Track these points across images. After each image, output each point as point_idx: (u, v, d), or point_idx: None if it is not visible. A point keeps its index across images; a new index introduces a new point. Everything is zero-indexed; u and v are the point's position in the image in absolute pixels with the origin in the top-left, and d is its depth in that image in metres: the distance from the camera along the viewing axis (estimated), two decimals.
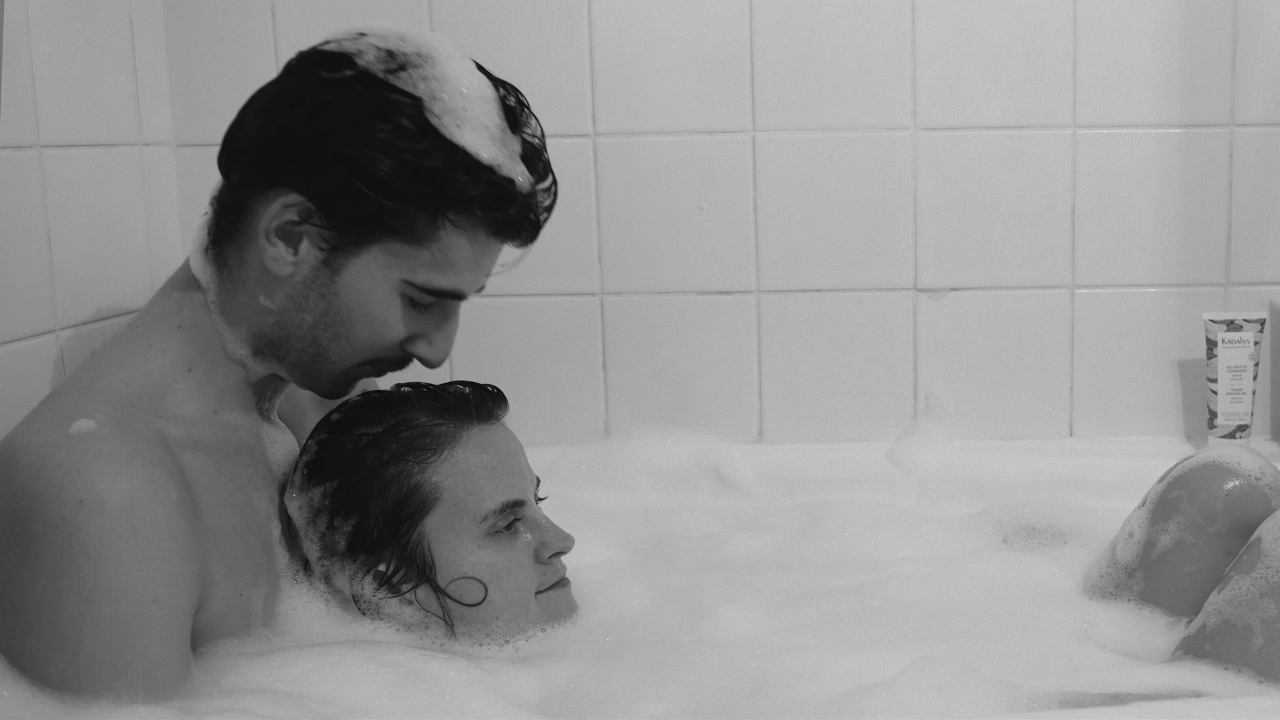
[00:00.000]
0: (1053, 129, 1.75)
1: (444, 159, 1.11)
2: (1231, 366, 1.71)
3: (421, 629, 1.22)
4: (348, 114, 1.11)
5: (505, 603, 1.22)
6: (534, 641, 1.28)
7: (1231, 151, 1.74)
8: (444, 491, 1.20)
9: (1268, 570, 1.16)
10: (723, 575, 1.43)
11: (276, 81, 1.17)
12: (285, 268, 1.14)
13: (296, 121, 1.12)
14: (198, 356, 1.17)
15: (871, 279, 1.79)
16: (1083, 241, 1.77)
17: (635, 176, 1.76)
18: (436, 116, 1.12)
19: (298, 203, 1.12)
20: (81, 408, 1.06)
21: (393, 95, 1.11)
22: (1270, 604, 1.14)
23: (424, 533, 1.19)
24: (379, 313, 1.17)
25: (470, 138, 1.13)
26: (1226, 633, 1.15)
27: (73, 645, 0.99)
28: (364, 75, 1.12)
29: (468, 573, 1.21)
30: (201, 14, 1.76)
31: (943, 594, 1.38)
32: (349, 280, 1.15)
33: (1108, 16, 1.72)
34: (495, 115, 1.15)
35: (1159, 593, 1.31)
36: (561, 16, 1.75)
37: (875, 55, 1.75)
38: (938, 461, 1.75)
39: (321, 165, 1.11)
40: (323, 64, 1.14)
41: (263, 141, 1.14)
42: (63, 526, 0.99)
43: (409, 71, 1.13)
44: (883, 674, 1.09)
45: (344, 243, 1.14)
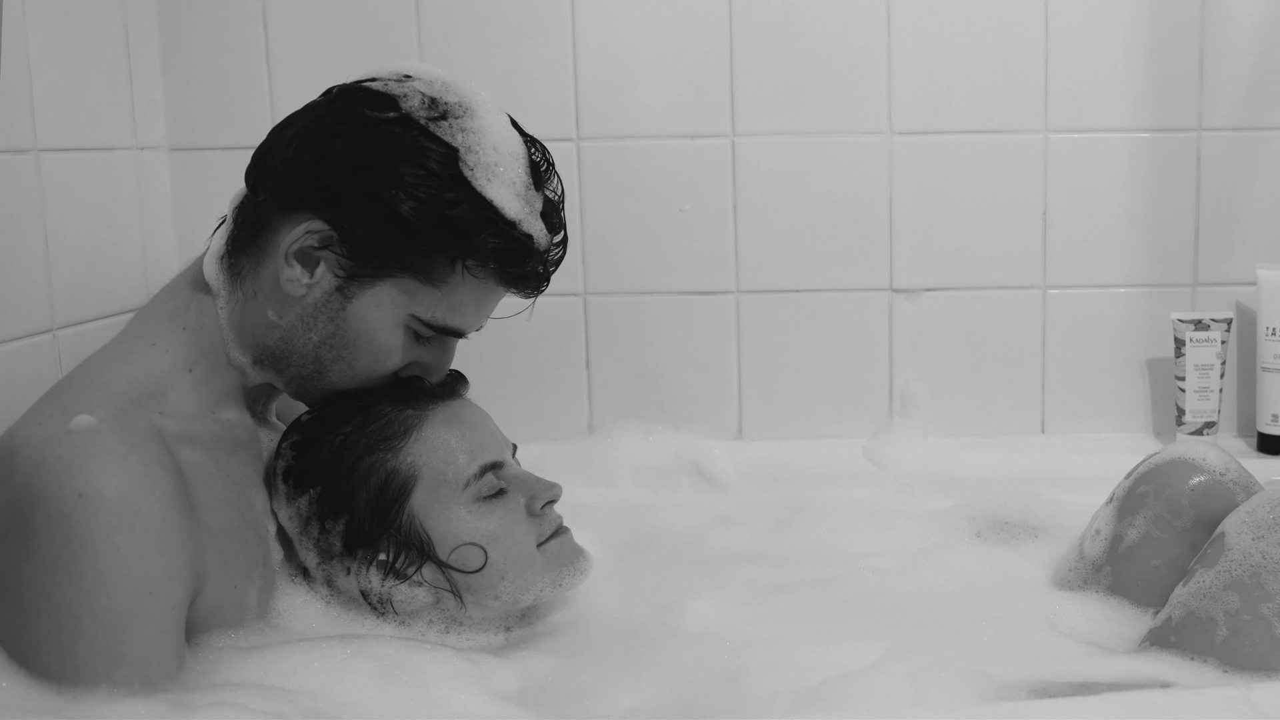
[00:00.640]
0: (1025, 134, 1.76)
1: (471, 210, 1.14)
2: (1199, 365, 1.72)
3: (436, 608, 1.22)
4: (385, 154, 1.12)
5: (508, 562, 1.22)
6: (516, 631, 1.29)
7: (1199, 155, 1.75)
8: (421, 469, 1.20)
9: (1231, 564, 1.17)
10: (701, 569, 1.44)
11: (316, 109, 1.18)
12: (299, 289, 1.15)
13: (333, 153, 1.14)
14: (200, 358, 1.18)
15: (848, 280, 1.80)
16: (1054, 243, 1.78)
17: (618, 180, 1.77)
18: (469, 169, 1.14)
19: (321, 230, 1.13)
20: (82, 403, 1.07)
21: (430, 143, 1.13)
22: (1234, 596, 1.15)
23: (412, 512, 1.19)
24: (383, 342, 1.18)
25: (498, 192, 1.15)
26: (1191, 624, 1.17)
27: (71, 635, 1.00)
28: (405, 119, 1.14)
29: (464, 540, 1.20)
30: (195, 22, 1.76)
31: (915, 586, 1.39)
32: (359, 309, 1.17)
33: (1078, 24, 1.73)
34: (523, 172, 1.18)
35: (1126, 585, 1.32)
36: (546, 24, 1.75)
37: (851, 62, 1.75)
38: (913, 458, 1.76)
39: (351, 198, 1.13)
40: (367, 101, 1.15)
41: (297, 166, 1.15)
42: (61, 519, 0.99)
43: (449, 121, 1.15)
44: (853, 665, 1.10)
45: (360, 273, 1.15)
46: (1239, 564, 1.17)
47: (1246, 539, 1.18)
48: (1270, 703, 0.93)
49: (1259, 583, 1.14)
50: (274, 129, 1.19)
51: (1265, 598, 1.13)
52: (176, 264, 1.76)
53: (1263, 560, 1.16)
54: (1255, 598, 1.14)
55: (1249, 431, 1.78)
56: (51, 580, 0.99)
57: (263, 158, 1.18)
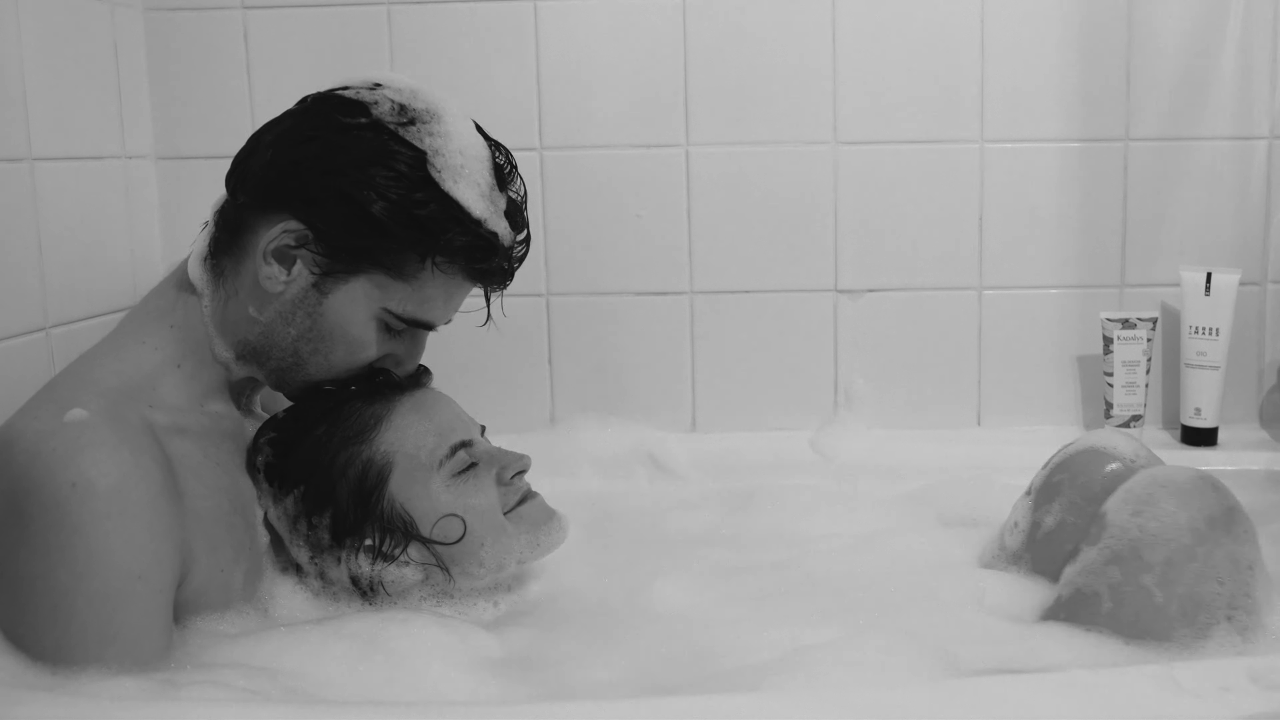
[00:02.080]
0: (962, 143, 1.77)
1: (439, 210, 1.16)
2: (1126, 361, 1.74)
3: (425, 585, 1.23)
4: (357, 157, 1.14)
5: (485, 529, 1.23)
6: (505, 606, 1.30)
7: (1126, 164, 1.76)
8: (395, 454, 1.21)
9: (1111, 539, 1.21)
10: (663, 553, 1.46)
11: (292, 117, 1.20)
12: (277, 286, 1.17)
13: (308, 157, 1.15)
14: (187, 354, 1.19)
15: (795, 281, 1.80)
16: (989, 246, 1.79)
17: (578, 187, 1.78)
18: (437, 171, 1.16)
19: (297, 230, 1.15)
20: (76, 397, 1.08)
21: (399, 146, 1.15)
22: (1115, 570, 1.19)
23: (392, 496, 1.21)
24: (357, 335, 1.20)
25: (465, 193, 1.17)
26: (1079, 600, 1.20)
27: (65, 617, 1.01)
28: (376, 124, 1.16)
29: (443, 513, 1.22)
30: (179, 39, 1.77)
31: (858, 568, 1.41)
32: (334, 304, 1.18)
33: (1012, 41, 1.74)
34: (488, 174, 1.20)
35: (1045, 569, 1.33)
36: (511, 40, 1.75)
37: (799, 76, 1.76)
38: (857, 449, 1.77)
39: (326, 199, 1.14)
40: (339, 108, 1.17)
41: (274, 170, 1.17)
42: (56, 508, 1.01)
43: (418, 126, 1.17)
44: (807, 642, 1.12)
45: (335, 270, 1.17)
46: (1118, 539, 1.20)
47: (1125, 515, 1.21)
48: (1192, 678, 0.95)
49: (1138, 554, 1.18)
50: (252, 136, 1.21)
51: (1144, 568, 1.17)
52: (163, 266, 1.78)
53: (1140, 534, 1.19)
54: (1135, 569, 1.17)
55: (1173, 424, 1.80)
56: (47, 564, 1.01)
57: (242, 163, 1.20)
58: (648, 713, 0.97)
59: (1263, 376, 1.83)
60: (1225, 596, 1.15)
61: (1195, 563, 1.16)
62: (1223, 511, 1.19)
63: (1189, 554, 1.16)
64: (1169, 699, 0.93)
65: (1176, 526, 1.17)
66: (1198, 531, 1.17)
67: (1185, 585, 1.15)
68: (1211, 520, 1.18)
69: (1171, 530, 1.17)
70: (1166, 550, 1.17)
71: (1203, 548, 1.17)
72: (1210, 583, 1.15)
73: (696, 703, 0.98)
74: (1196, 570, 1.16)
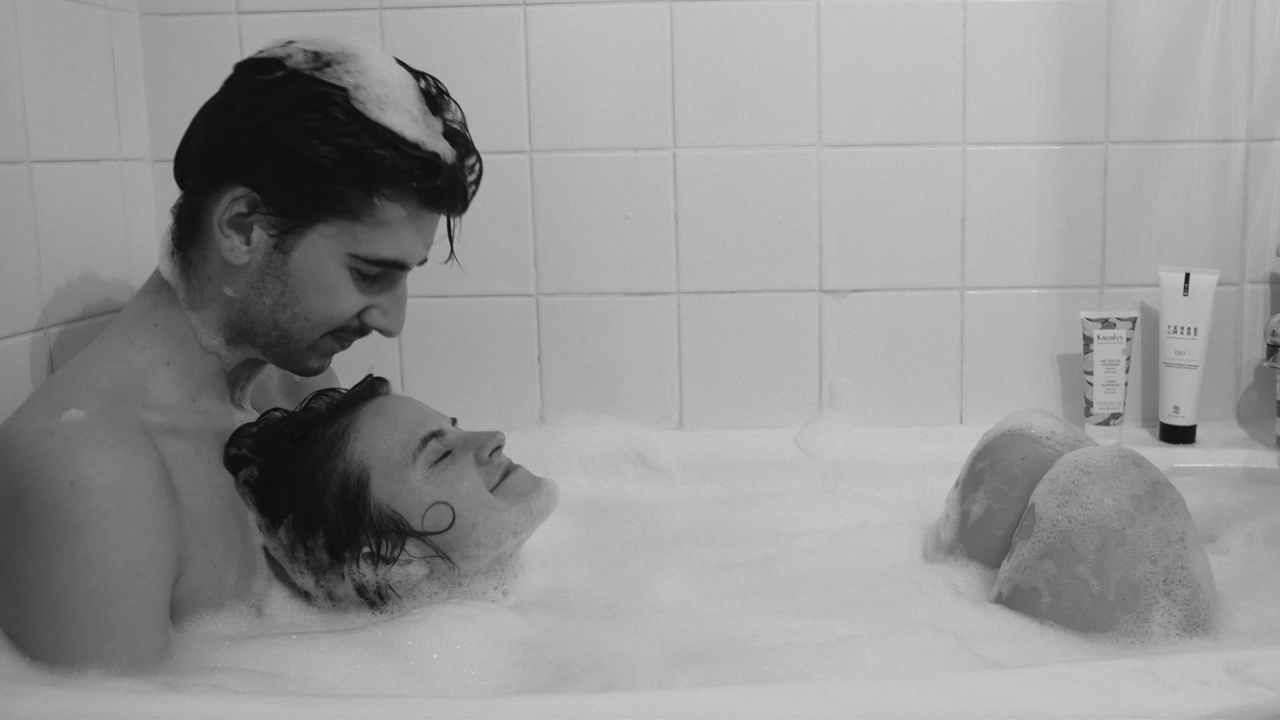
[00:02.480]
0: (944, 146, 1.77)
1: (373, 139, 1.14)
2: (1106, 360, 1.75)
3: (432, 579, 1.24)
4: (281, 108, 1.14)
5: (473, 510, 1.24)
6: (510, 596, 1.30)
7: (1106, 166, 1.77)
8: (369, 459, 1.22)
9: (1043, 533, 1.21)
10: (655, 548, 1.48)
11: (217, 93, 1.21)
12: (241, 257, 1.17)
13: (236, 121, 1.16)
14: (175, 350, 1.20)
15: (780, 281, 1.81)
16: (971, 247, 1.80)
17: (567, 189, 1.78)
18: (362, 104, 1.14)
19: (244, 194, 1.15)
20: (71, 398, 1.09)
21: (320, 88, 1.14)
22: (1050, 564, 1.19)
23: (377, 500, 1.21)
24: (330, 285, 1.19)
25: (395, 119, 1.15)
26: (1018, 597, 1.21)
27: (63, 613, 1.02)
28: (293, 74, 1.15)
29: (429, 503, 1.22)
30: (175, 43, 1.77)
31: (843, 563, 1.43)
32: (299, 260, 1.17)
33: (994, 45, 1.75)
34: (416, 101, 1.18)
35: (979, 556, 1.36)
36: (501, 43, 1.76)
37: (784, 79, 1.76)
38: (841, 446, 1.78)
39: (261, 157, 1.14)
40: (256, 69, 1.18)
41: (209, 146, 1.17)
42: (54, 506, 1.02)
43: (334, 67, 1.16)
44: (797, 636, 1.15)
45: (290, 225, 1.16)
46: (1049, 532, 1.21)
47: (1053, 507, 1.21)
48: (1170, 673, 0.96)
49: (1070, 546, 1.18)
50: (189, 125, 1.21)
51: (1078, 559, 1.17)
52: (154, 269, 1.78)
53: (1070, 525, 1.19)
54: (1069, 560, 1.18)
55: (1152, 422, 1.81)
56: (45, 562, 1.02)
57: (182, 152, 1.21)
58: (648, 706, 0.98)
59: (1240, 375, 1.84)
60: (1160, 573, 1.16)
61: (1126, 546, 1.17)
62: (1147, 488, 1.20)
63: (1119, 538, 1.17)
64: (1147, 693, 0.94)
65: (1103, 512, 1.18)
66: (1125, 513, 1.18)
67: (1120, 570, 1.16)
68: (1137, 499, 1.19)
69: (1099, 516, 1.18)
70: (1097, 537, 1.17)
71: (1132, 529, 1.17)
72: (1143, 563, 1.16)
73: (699, 696, 1.00)
74: (1128, 553, 1.16)
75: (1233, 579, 1.38)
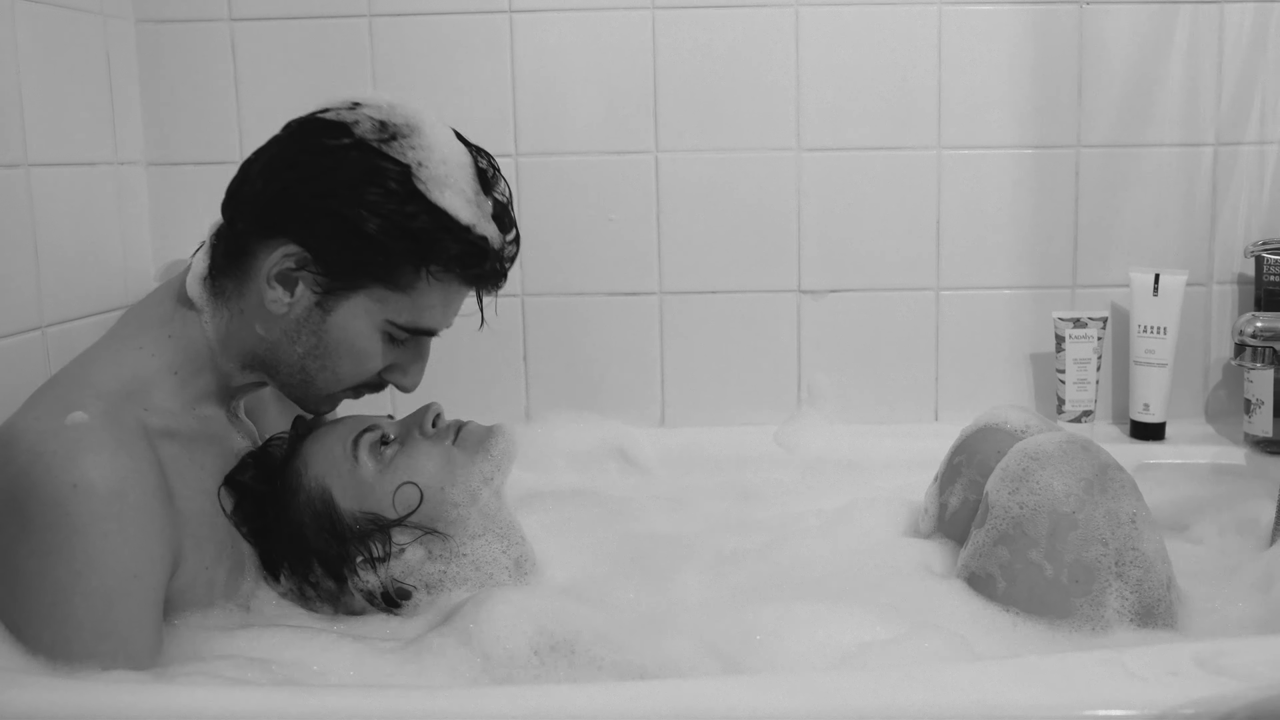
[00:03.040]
0: (920, 150, 1.79)
1: (429, 220, 1.16)
2: (1078, 359, 1.77)
3: (432, 559, 1.23)
4: (346, 178, 1.14)
5: (436, 476, 1.24)
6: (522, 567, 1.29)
7: (1078, 170, 1.79)
8: (324, 479, 1.23)
9: (996, 520, 1.22)
10: (649, 541, 1.48)
11: (278, 143, 1.20)
12: (282, 307, 1.18)
13: (297, 181, 1.16)
14: (184, 362, 1.20)
15: (760, 282, 1.82)
16: (946, 249, 1.81)
17: (553, 192, 1.79)
18: (423, 182, 1.16)
19: (296, 253, 1.16)
20: (76, 400, 1.09)
21: (384, 163, 1.15)
22: (1003, 550, 1.20)
23: (347, 509, 1.22)
24: (363, 348, 1.20)
25: (451, 201, 1.17)
26: (974, 584, 1.22)
27: (63, 612, 1.02)
28: (359, 143, 1.16)
29: (392, 489, 1.23)
30: (169, 49, 1.78)
31: (826, 553, 1.43)
32: (338, 320, 1.19)
33: (968, 52, 1.77)
34: (471, 180, 1.20)
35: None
36: (487, 50, 1.78)
37: (764, 85, 1.78)
38: (819, 443, 1.78)
39: (320, 221, 1.15)
40: (322, 131, 1.17)
41: (266, 196, 1.17)
42: (57, 507, 1.02)
43: (399, 141, 1.16)
44: (790, 621, 1.14)
45: (335, 288, 1.17)
46: (1002, 518, 1.21)
47: (1004, 494, 1.22)
48: (1140, 663, 0.96)
49: (1022, 531, 1.19)
50: (242, 164, 1.21)
51: (1031, 544, 1.18)
52: (153, 267, 1.81)
53: (1021, 511, 1.20)
54: (1022, 546, 1.19)
55: (1123, 419, 1.82)
56: (47, 562, 1.02)
57: (235, 192, 1.21)
58: (648, 695, 0.98)
59: (1209, 373, 1.86)
60: (1112, 555, 1.17)
61: (1077, 529, 1.17)
62: (1096, 471, 1.20)
63: (1070, 522, 1.17)
64: (1119, 683, 0.94)
65: (1054, 496, 1.19)
66: (1074, 497, 1.19)
67: (1072, 553, 1.17)
68: (1087, 483, 1.19)
69: (1050, 501, 1.19)
70: (1049, 522, 1.18)
71: (1082, 512, 1.18)
72: (1095, 545, 1.17)
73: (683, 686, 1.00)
74: (1079, 536, 1.17)
75: (1206, 570, 1.39)
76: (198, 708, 0.95)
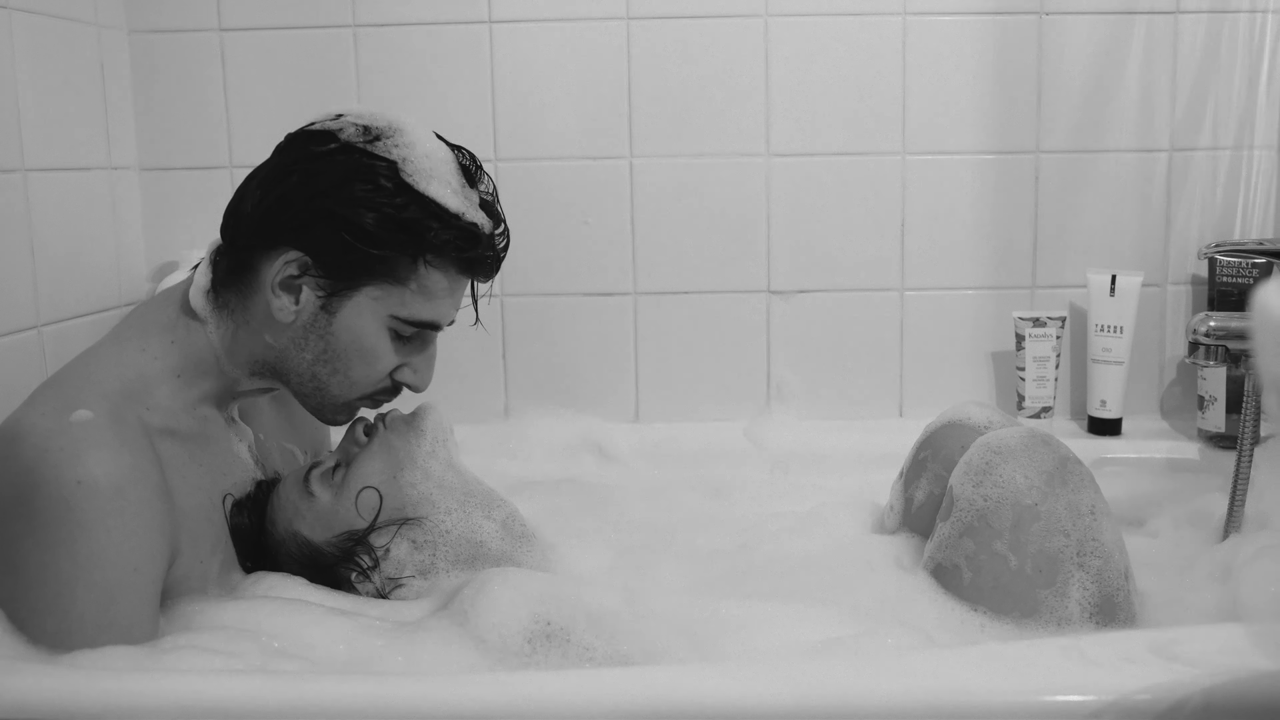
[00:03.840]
0: (885, 155, 1.82)
1: (419, 210, 1.18)
2: (1037, 357, 1.79)
3: (417, 549, 1.24)
4: (335, 179, 1.17)
5: (380, 470, 1.25)
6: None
7: (1037, 174, 1.82)
8: (291, 526, 1.25)
9: (961, 513, 1.23)
10: (625, 533, 1.50)
11: (271, 159, 1.22)
12: (288, 315, 1.19)
13: (291, 189, 1.18)
14: (186, 367, 1.21)
15: (731, 283, 1.85)
16: (911, 251, 1.84)
17: (531, 196, 1.81)
18: (409, 175, 1.18)
19: (296, 258, 1.17)
20: (81, 398, 1.10)
21: (371, 160, 1.18)
22: (969, 542, 1.21)
23: (323, 540, 1.24)
24: (371, 345, 1.21)
25: (439, 191, 1.19)
26: (940, 575, 1.23)
27: (66, 604, 1.04)
28: (346, 146, 1.18)
29: (357, 496, 1.24)
30: (161, 57, 1.81)
31: (796, 546, 1.45)
32: (344, 320, 1.20)
33: (932, 60, 1.79)
34: (455, 174, 1.22)
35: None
36: (468, 58, 1.80)
37: (734, 93, 1.80)
38: (788, 438, 1.81)
39: (315, 223, 1.17)
40: (310, 140, 1.20)
41: (264, 208, 1.19)
42: (62, 503, 1.03)
43: (383, 141, 1.19)
44: (761, 613, 1.17)
45: (338, 288, 1.19)
46: (967, 511, 1.22)
47: (969, 488, 1.23)
48: (1097, 650, 0.98)
49: (987, 523, 1.20)
50: (240, 186, 1.23)
51: (995, 535, 1.19)
52: (145, 267, 1.84)
53: (985, 503, 1.21)
54: (987, 537, 1.20)
55: (1081, 415, 1.85)
56: (52, 556, 1.04)
57: (234, 210, 1.22)
58: (633, 680, 0.99)
59: (1163, 371, 1.88)
60: (1073, 545, 1.18)
61: (1039, 521, 1.18)
62: (1057, 464, 1.22)
63: (1033, 514, 1.19)
64: (1076, 670, 0.96)
65: (1017, 489, 1.20)
66: (1036, 489, 1.20)
67: (1035, 544, 1.18)
68: (1048, 476, 1.21)
69: (1013, 494, 1.20)
70: (1012, 514, 1.19)
71: (1044, 504, 1.19)
72: (1056, 536, 1.18)
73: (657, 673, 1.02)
74: (1042, 527, 1.18)
75: (1162, 561, 1.41)
76: (190, 695, 0.97)
